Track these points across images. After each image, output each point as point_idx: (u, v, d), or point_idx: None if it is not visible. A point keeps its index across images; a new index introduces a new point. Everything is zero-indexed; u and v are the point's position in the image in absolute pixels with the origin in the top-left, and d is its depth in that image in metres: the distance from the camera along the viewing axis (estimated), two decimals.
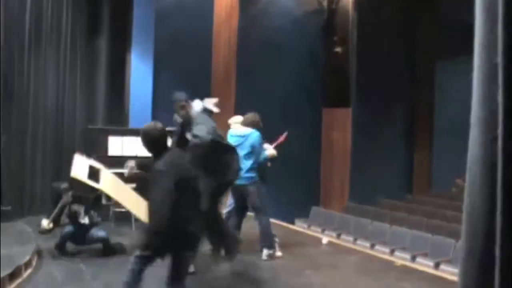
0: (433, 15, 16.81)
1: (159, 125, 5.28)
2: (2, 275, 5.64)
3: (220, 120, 13.47)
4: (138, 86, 12.31)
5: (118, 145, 10.50)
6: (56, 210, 7.99)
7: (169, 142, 7.37)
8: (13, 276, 5.80)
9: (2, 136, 10.37)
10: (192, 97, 7.95)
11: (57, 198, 8.18)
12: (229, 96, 13.98)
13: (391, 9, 16.02)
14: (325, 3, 15.72)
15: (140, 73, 12.41)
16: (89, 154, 10.41)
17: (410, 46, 17.12)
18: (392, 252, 10.23)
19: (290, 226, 11.48)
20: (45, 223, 7.99)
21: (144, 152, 8.36)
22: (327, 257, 8.56)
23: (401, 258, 9.21)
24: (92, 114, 12.07)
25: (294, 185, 14.78)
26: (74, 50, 11.79)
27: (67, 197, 7.90)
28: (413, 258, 9.76)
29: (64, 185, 8.29)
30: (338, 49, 15.43)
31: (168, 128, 8.62)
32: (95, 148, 10.46)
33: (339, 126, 15.65)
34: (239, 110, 13.89)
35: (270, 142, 8.57)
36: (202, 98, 13.48)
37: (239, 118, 8.58)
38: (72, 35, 11.73)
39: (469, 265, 1.99)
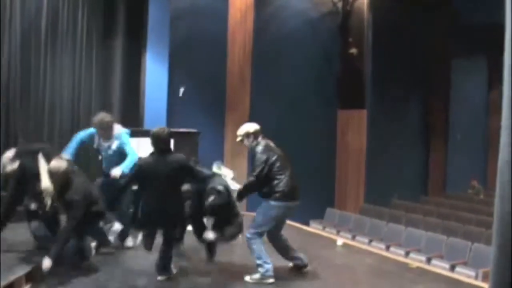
0: (448, 15, 16.75)
1: (167, 129, 6.61)
2: (20, 274, 5.71)
3: (235, 122, 13.63)
4: (153, 88, 12.34)
5: (133, 147, 10.52)
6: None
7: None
8: (29, 275, 5.85)
9: (19, 138, 10.47)
10: (207, 100, 7.91)
11: None
12: (244, 97, 14.01)
13: (406, 10, 15.97)
14: (340, 5, 15.71)
15: (155, 75, 12.43)
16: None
17: (425, 47, 17.06)
18: (407, 254, 10.20)
19: (305, 227, 11.45)
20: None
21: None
22: (341, 259, 8.54)
23: (416, 260, 9.18)
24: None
25: (309, 186, 14.68)
26: (90, 52, 11.84)
27: None
28: (429, 260, 9.72)
29: None
30: (353, 50, 15.41)
31: (182, 130, 8.67)
32: None
33: (354, 128, 15.62)
34: (254, 111, 13.98)
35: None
36: (216, 99, 13.58)
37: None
38: (87, 37, 11.78)
39: (501, 266, 1.98)
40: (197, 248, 7.66)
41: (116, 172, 7.40)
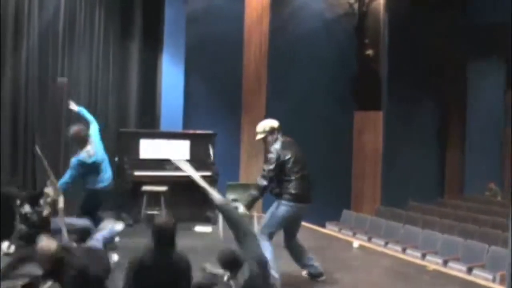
0: (464, 15, 16.67)
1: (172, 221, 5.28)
2: (37, 274, 5.74)
3: (251, 123, 13.59)
4: (169, 89, 12.36)
5: (149, 148, 10.57)
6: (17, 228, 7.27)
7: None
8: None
9: (37, 140, 10.53)
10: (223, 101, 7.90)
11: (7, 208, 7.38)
12: (260, 99, 13.99)
13: (422, 11, 15.91)
14: (356, 6, 15.67)
15: (171, 76, 12.46)
16: (121, 157, 10.56)
17: (442, 47, 16.97)
18: (423, 256, 10.14)
19: (321, 229, 11.45)
20: (5, 246, 7.21)
21: (177, 155, 8.49)
22: (358, 261, 8.53)
23: (433, 263, 9.15)
24: (124, 117, 12.17)
25: (325, 188, 14.71)
26: (107, 54, 11.90)
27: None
28: (445, 263, 9.65)
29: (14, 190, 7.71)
30: (369, 52, 15.36)
31: (198, 131, 8.68)
32: (127, 151, 10.55)
33: (371, 129, 15.57)
34: (270, 113, 13.95)
35: None
36: (232, 101, 13.59)
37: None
38: (104, 39, 11.84)
39: None
40: None
41: None
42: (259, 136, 7.16)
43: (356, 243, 9.60)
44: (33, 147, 10.51)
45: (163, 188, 9.73)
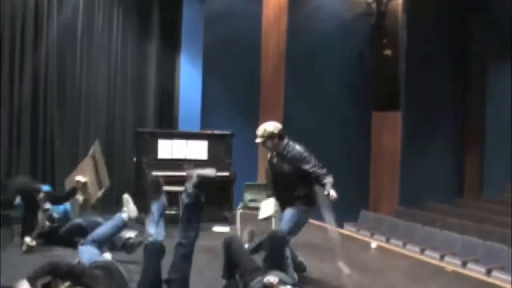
0: (485, 16, 16.53)
1: None
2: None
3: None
4: (187, 90, 12.42)
5: (167, 148, 10.58)
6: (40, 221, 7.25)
7: None
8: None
9: (56, 141, 10.62)
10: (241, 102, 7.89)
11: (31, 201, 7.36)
12: (278, 100, 14.00)
13: (442, 11, 15.81)
14: (374, 6, 15.59)
15: (189, 77, 12.51)
16: (139, 158, 10.59)
17: (461, 48, 16.87)
18: (442, 257, 10.10)
19: (339, 230, 11.42)
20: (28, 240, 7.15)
21: (194, 155, 8.51)
22: (375, 262, 8.50)
23: (451, 264, 9.09)
24: (142, 118, 12.23)
25: (343, 188, 14.59)
26: (125, 54, 11.97)
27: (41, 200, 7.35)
28: (464, 264, 9.60)
29: (36, 185, 7.65)
30: (387, 52, 15.29)
31: (216, 132, 8.69)
32: (145, 151, 10.59)
33: (389, 129, 15.50)
34: (288, 113, 13.97)
35: None
36: (250, 101, 13.61)
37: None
38: (122, 39, 11.92)
39: None
40: None
41: None
42: (258, 140, 6.94)
43: (374, 244, 9.56)
44: (52, 145, 10.62)
45: (181, 189, 9.73)
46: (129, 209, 7.02)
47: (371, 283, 7.14)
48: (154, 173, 10.19)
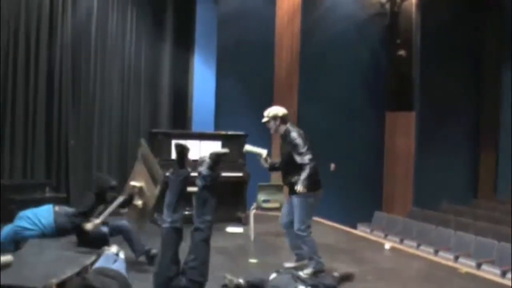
0: (499, 16, 16.47)
1: None
2: (70, 274, 5.81)
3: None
4: (201, 90, 12.44)
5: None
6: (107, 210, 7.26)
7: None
8: (79, 275, 5.96)
9: (70, 141, 10.68)
10: (254, 103, 7.92)
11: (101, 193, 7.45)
12: (291, 100, 13.99)
13: (455, 11, 15.76)
14: (387, 6, 15.57)
15: (203, 77, 12.54)
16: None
17: (475, 48, 16.81)
18: (456, 258, 10.05)
19: (353, 230, 11.42)
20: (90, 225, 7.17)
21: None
22: (389, 263, 8.48)
23: (466, 265, 9.05)
24: (155, 118, 12.29)
25: (357, 188, 14.70)
26: (138, 55, 12.03)
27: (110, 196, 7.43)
28: (479, 266, 9.56)
29: (112, 183, 7.66)
30: (401, 52, 15.25)
31: (229, 132, 8.72)
32: (159, 152, 10.62)
33: (402, 130, 15.47)
34: (301, 114, 13.97)
35: None
36: (264, 102, 13.60)
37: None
38: (136, 40, 11.97)
39: None
40: None
41: None
42: (264, 120, 7.60)
43: (387, 245, 9.55)
44: (66, 145, 10.68)
45: (195, 189, 9.75)
46: None
47: (385, 285, 7.13)
48: (168, 173, 10.23)
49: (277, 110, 7.64)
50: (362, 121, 15.13)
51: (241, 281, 6.37)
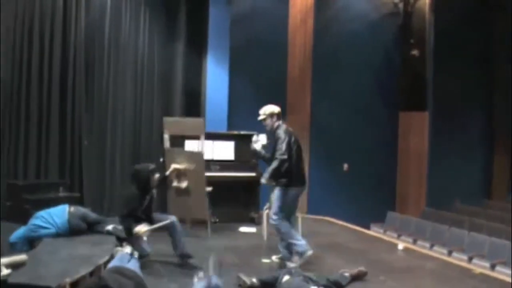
0: None
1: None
2: (83, 273, 5.85)
3: (296, 125, 13.54)
4: (214, 90, 12.45)
5: (194, 149, 10.64)
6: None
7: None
8: (92, 274, 5.99)
9: (84, 141, 10.73)
10: (267, 103, 7.98)
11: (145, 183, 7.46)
12: (304, 100, 14.01)
13: (469, 10, 15.69)
14: (401, 6, 15.51)
15: (216, 77, 12.55)
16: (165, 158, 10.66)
17: (489, 47, 16.72)
18: (470, 259, 10.01)
19: (366, 231, 11.40)
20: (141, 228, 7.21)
21: (221, 156, 8.61)
22: (402, 263, 8.47)
23: (479, 266, 9.01)
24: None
25: (370, 189, 14.66)
26: (152, 55, 12.07)
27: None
28: (493, 267, 9.50)
29: (151, 166, 7.64)
30: (414, 52, 15.19)
31: (242, 132, 8.75)
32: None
33: (416, 130, 15.41)
34: (314, 114, 13.97)
35: None
36: (277, 102, 13.62)
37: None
38: (149, 40, 12.00)
39: None
40: None
41: None
42: (260, 117, 8.02)
43: (401, 245, 9.53)
44: (80, 145, 10.72)
45: (208, 189, 9.80)
46: None
47: (398, 285, 7.11)
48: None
49: (273, 108, 8.06)
50: (375, 121, 15.08)
51: (254, 280, 6.40)
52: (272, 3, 13.82)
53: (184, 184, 8.05)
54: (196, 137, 10.56)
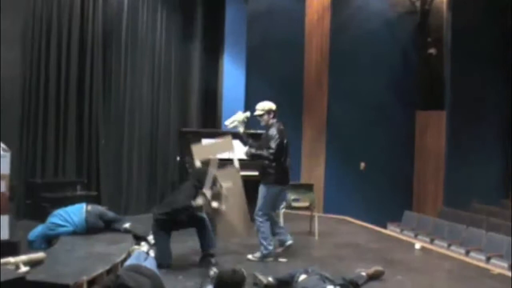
0: None
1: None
2: (101, 271, 5.88)
3: (312, 124, 13.59)
4: (230, 89, 12.46)
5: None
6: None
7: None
8: (109, 272, 6.03)
9: (101, 140, 10.77)
10: (284, 102, 8.01)
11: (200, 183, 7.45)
12: (321, 99, 14.00)
13: (486, 8, 15.58)
14: (418, 4, 15.45)
15: (232, 77, 12.56)
16: (182, 157, 10.69)
17: (507, 46, 16.59)
18: (488, 259, 9.93)
19: (383, 230, 11.36)
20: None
21: (237, 155, 8.61)
22: (419, 263, 8.43)
23: (497, 266, 8.94)
24: (185, 117, 12.36)
25: (387, 188, 14.61)
26: (169, 54, 12.10)
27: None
28: (511, 267, 9.44)
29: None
30: (432, 51, 15.11)
31: (259, 131, 8.77)
32: (188, 151, 10.65)
33: (433, 129, 15.34)
34: (331, 113, 13.94)
35: None
36: (294, 101, 13.62)
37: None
38: (166, 40, 12.03)
39: None
40: None
41: None
42: (257, 113, 8.22)
43: (418, 245, 9.48)
44: (97, 144, 10.77)
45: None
46: None
47: (415, 285, 7.08)
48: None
49: (270, 104, 8.28)
50: (392, 120, 15.04)
51: (270, 279, 6.41)
52: (288, 2, 13.83)
53: (223, 206, 7.91)
54: (213, 135, 10.60)
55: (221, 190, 7.50)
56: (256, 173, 8.54)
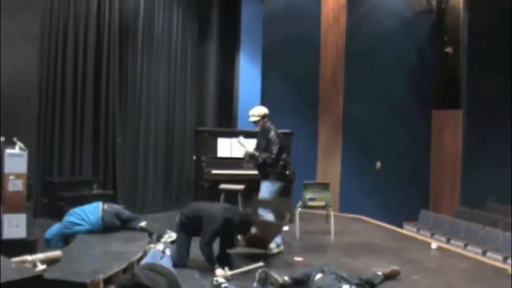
0: None
1: None
2: (117, 269, 5.92)
3: (328, 123, 13.54)
4: (246, 89, 12.47)
5: (227, 147, 10.68)
6: None
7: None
8: (125, 271, 6.06)
9: (117, 139, 10.82)
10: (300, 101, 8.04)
11: None
12: (337, 98, 13.98)
13: (503, 7, 15.47)
14: (434, 3, 15.38)
15: (248, 76, 12.57)
16: (198, 156, 10.73)
17: None
18: (505, 259, 9.87)
19: (399, 229, 11.32)
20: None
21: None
22: (435, 263, 8.40)
23: None
24: (201, 116, 12.40)
25: (403, 187, 14.56)
26: (185, 53, 12.12)
27: None
28: None
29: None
30: (448, 49, 15.05)
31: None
32: (204, 150, 10.70)
33: (450, 128, 15.27)
34: (347, 112, 13.92)
35: None
36: (310, 100, 13.63)
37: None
38: (182, 39, 12.06)
39: None
40: None
41: None
42: (254, 119, 8.49)
43: (434, 245, 9.44)
44: (114, 143, 10.82)
45: (240, 187, 9.83)
46: None
47: (431, 285, 7.06)
48: (214, 171, 10.33)
49: (263, 109, 8.58)
50: (408, 119, 14.99)
51: (286, 278, 6.41)
52: (304, 1, 13.82)
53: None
54: (229, 135, 10.64)
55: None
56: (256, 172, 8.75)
